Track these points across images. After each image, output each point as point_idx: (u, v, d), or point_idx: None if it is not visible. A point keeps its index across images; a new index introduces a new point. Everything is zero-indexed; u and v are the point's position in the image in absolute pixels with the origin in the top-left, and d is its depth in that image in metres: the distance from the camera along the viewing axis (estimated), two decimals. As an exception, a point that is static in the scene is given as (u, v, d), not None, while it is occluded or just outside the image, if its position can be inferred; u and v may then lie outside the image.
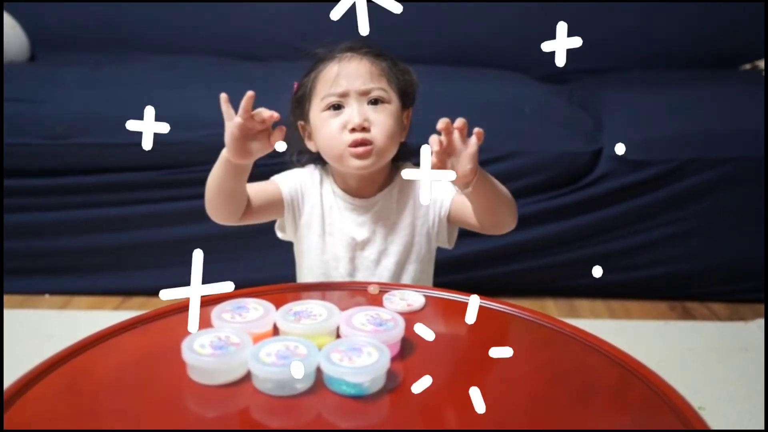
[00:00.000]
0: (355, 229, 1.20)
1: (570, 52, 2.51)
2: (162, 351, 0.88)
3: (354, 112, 1.11)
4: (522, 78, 2.43)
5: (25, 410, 0.74)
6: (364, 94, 1.12)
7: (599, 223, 2.02)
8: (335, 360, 0.78)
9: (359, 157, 1.12)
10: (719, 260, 2.05)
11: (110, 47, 2.58)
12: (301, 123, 1.21)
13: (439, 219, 1.20)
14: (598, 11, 2.67)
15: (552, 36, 2.59)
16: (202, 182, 1.97)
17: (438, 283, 1.25)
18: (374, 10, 2.46)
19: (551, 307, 2.05)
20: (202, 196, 1.98)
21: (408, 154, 1.23)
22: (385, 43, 1.18)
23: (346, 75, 1.11)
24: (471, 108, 2.01)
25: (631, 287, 2.10)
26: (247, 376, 0.79)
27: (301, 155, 1.24)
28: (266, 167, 1.88)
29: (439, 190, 1.20)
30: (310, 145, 1.20)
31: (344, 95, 1.12)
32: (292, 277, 1.31)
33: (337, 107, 1.13)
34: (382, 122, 1.12)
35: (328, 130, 1.13)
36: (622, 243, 2.04)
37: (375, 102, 1.12)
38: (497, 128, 2.01)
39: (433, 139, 0.97)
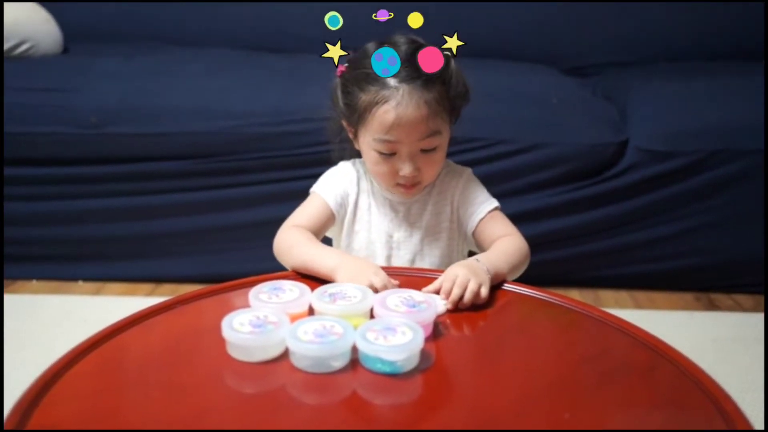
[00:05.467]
0: (390, 226, 1.20)
1: (595, 45, 2.52)
2: (200, 329, 0.91)
3: (407, 166, 1.09)
4: (548, 70, 2.43)
5: (73, 383, 0.77)
6: (417, 143, 1.08)
7: (625, 214, 2.02)
8: (371, 338, 0.80)
9: (406, 194, 1.15)
10: (745, 251, 2.04)
11: (140, 40, 2.60)
12: (346, 123, 1.17)
13: (466, 233, 1.21)
14: (622, 4, 2.65)
15: (578, 29, 2.61)
16: (233, 171, 2.02)
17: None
18: (400, 6, 2.46)
19: (576, 297, 2.00)
20: (233, 185, 2.02)
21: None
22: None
23: (402, 127, 1.06)
24: (498, 99, 2.04)
25: (656, 278, 2.10)
26: (285, 354, 0.82)
27: (343, 150, 1.23)
28: (312, 155, 1.92)
29: (470, 206, 1.19)
30: (356, 144, 1.17)
31: (398, 144, 1.08)
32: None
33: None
34: (431, 165, 1.12)
35: (378, 169, 1.13)
36: (648, 234, 2.04)
37: (427, 150, 1.10)
38: (524, 119, 2.03)
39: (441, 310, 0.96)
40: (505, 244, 1.13)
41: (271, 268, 1.22)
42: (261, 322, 0.84)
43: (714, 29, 2.64)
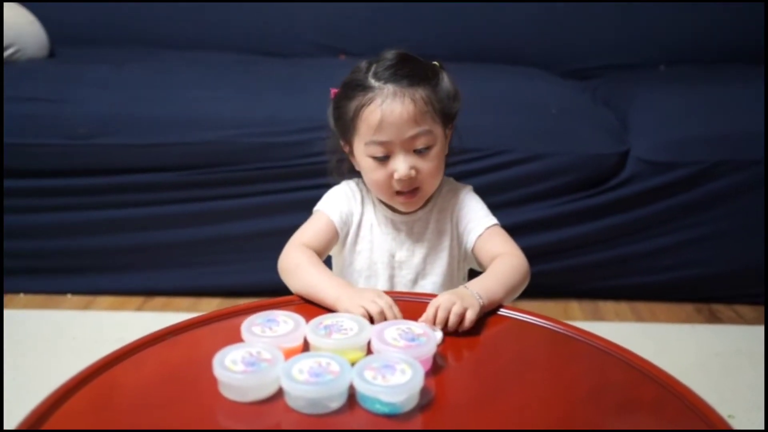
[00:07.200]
0: (393, 245, 1.18)
1: (593, 48, 2.49)
2: (192, 365, 0.88)
3: (401, 165, 1.07)
4: (544, 75, 2.40)
5: (60, 426, 0.74)
6: (409, 141, 1.07)
7: (626, 225, 2.00)
8: (368, 378, 0.77)
9: (406, 203, 1.12)
10: (747, 262, 2.01)
11: (130, 43, 2.57)
12: (343, 141, 1.16)
13: (466, 250, 1.19)
14: (620, 4, 2.62)
15: (574, 31, 2.57)
16: (224, 183, 1.99)
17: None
18: (397, 8, 2.45)
19: (575, 309, 2.02)
20: (226, 196, 1.99)
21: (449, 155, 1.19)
22: (407, 42, 1.16)
23: (390, 124, 1.05)
24: (496, 108, 2.01)
25: (657, 289, 2.07)
26: (279, 393, 0.79)
27: (341, 161, 1.21)
28: (307, 166, 1.89)
29: (469, 223, 1.17)
30: (354, 162, 1.16)
31: (389, 144, 1.07)
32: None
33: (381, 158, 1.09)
34: (428, 168, 1.09)
35: (374, 177, 1.10)
36: (649, 245, 2.01)
37: (420, 150, 1.08)
38: (523, 129, 2.00)
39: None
40: (502, 264, 1.09)
41: (263, 281, 1.20)
42: (254, 360, 0.81)
43: (714, 31, 2.61)
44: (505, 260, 1.10)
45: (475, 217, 1.17)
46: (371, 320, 0.94)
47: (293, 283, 1.08)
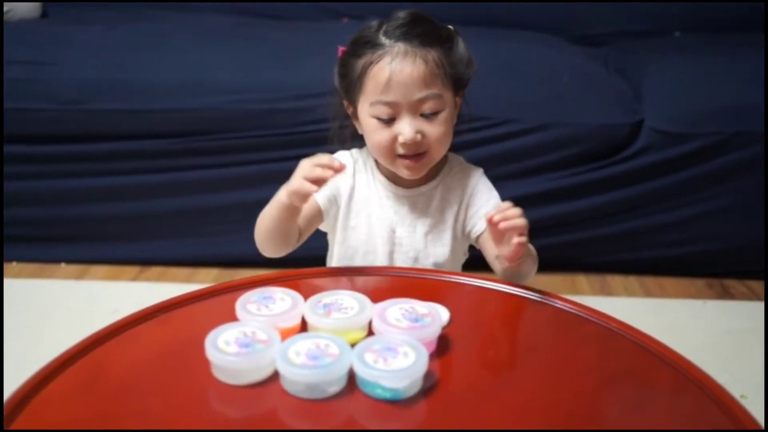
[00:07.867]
0: (393, 220, 1.14)
1: (602, 12, 2.40)
2: (184, 344, 0.83)
3: (406, 128, 1.03)
4: (556, 41, 2.33)
5: (42, 409, 0.71)
6: (416, 104, 1.03)
7: (637, 198, 1.95)
8: (369, 361, 0.73)
9: (410, 168, 1.08)
10: (760, 236, 1.95)
11: (123, 2, 2.50)
12: (346, 102, 1.13)
13: (470, 234, 1.16)
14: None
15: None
16: (222, 150, 1.94)
17: (470, 258, 1.21)
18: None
19: (583, 283, 1.99)
20: (222, 164, 1.94)
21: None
22: (412, 4, 1.10)
23: (398, 83, 1.02)
24: (505, 75, 1.95)
25: (667, 263, 2.03)
26: (275, 375, 0.75)
27: (344, 128, 1.17)
28: (308, 134, 1.84)
29: (480, 209, 1.14)
30: (357, 125, 1.13)
31: (396, 105, 1.03)
32: (318, 250, 1.24)
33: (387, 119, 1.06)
34: (435, 133, 1.05)
35: (378, 138, 1.07)
36: (660, 218, 1.96)
37: (428, 114, 1.05)
38: (532, 97, 1.94)
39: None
40: None
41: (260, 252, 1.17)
42: (249, 341, 0.77)
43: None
44: None
45: (489, 203, 1.14)
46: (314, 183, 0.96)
47: (261, 235, 1.09)
